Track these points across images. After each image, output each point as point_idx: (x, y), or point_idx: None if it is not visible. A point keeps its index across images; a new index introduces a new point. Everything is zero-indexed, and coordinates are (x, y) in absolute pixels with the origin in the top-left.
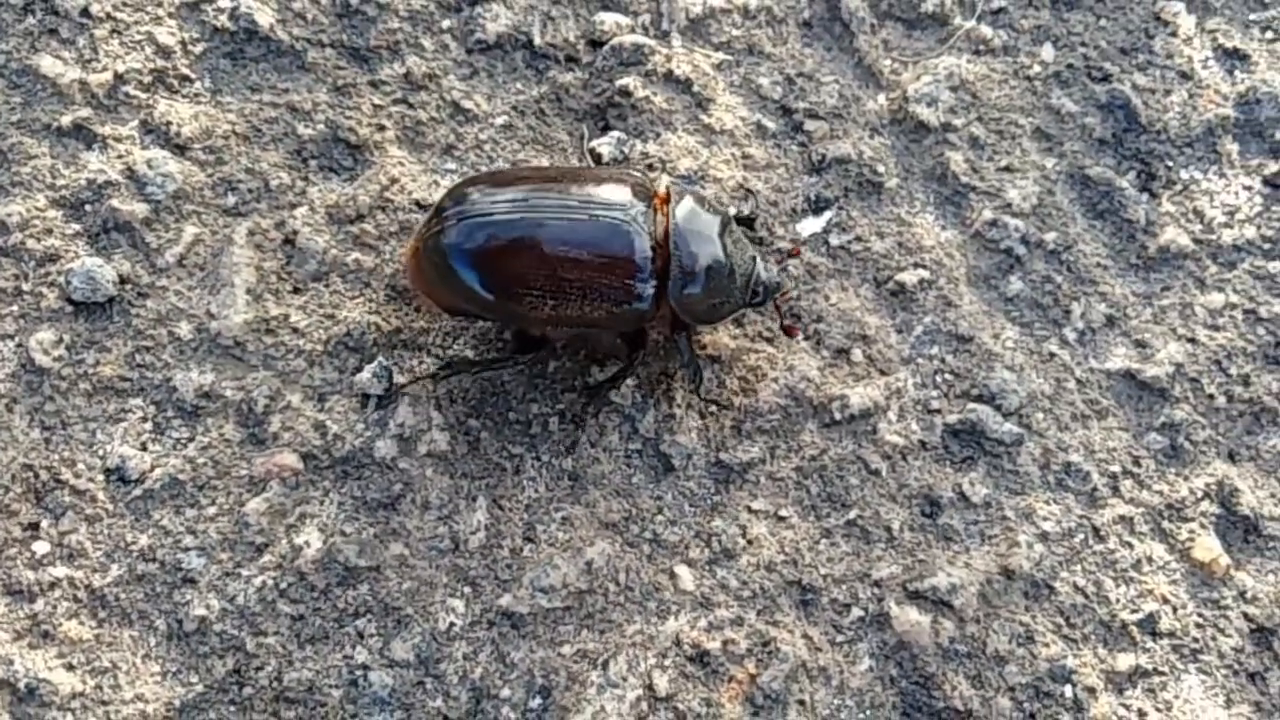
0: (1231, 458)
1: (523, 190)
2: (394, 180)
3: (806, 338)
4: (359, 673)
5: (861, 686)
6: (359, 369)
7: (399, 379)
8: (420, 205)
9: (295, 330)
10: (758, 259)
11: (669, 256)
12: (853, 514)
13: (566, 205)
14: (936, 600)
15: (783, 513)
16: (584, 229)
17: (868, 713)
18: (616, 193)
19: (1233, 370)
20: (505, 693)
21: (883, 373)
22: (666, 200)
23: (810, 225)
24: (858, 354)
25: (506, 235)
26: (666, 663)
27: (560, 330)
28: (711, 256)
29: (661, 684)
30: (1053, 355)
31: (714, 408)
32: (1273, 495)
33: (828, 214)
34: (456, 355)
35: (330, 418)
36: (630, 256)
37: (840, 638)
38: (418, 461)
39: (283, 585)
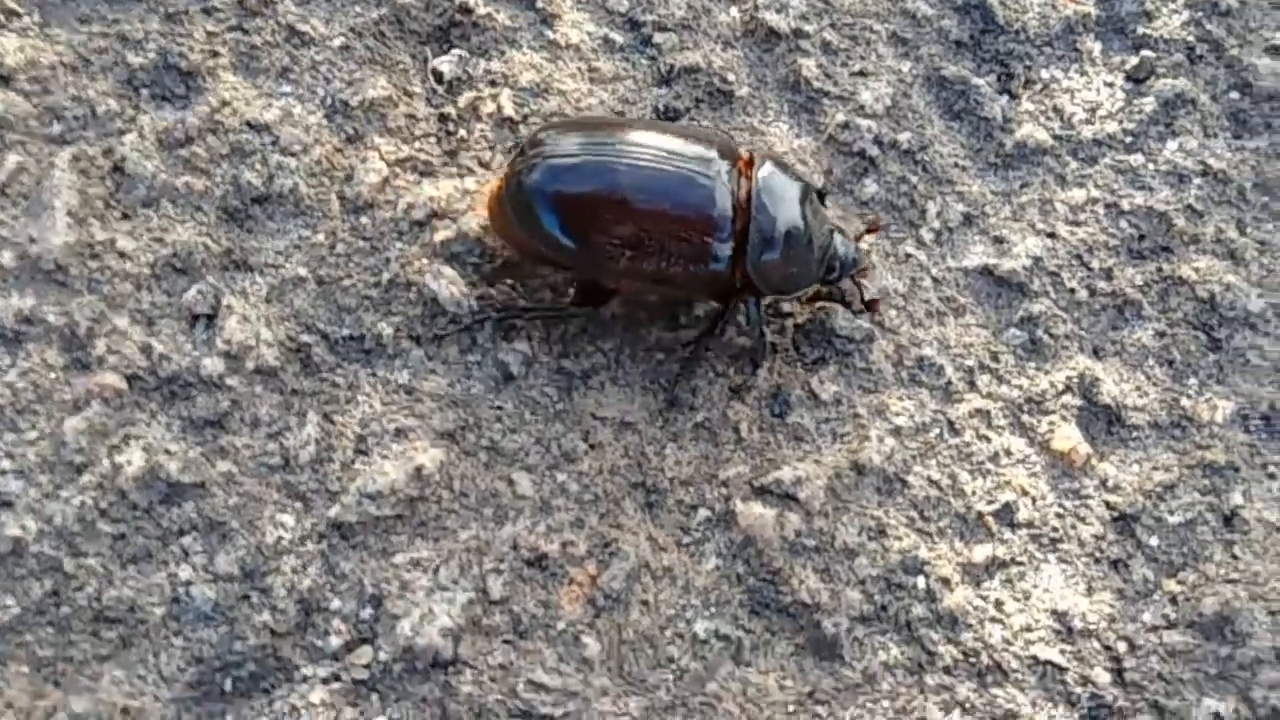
0: (1096, 353)
1: (610, 136)
2: (226, 103)
3: None
4: (182, 589)
5: (707, 585)
6: (188, 290)
7: (228, 301)
8: (251, 125)
9: (122, 254)
10: (835, 233)
11: (749, 220)
12: (700, 416)
13: (653, 156)
14: (782, 494)
15: (629, 418)
16: (668, 181)
17: (713, 610)
18: (703, 149)
19: (1095, 264)
20: (335, 604)
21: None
22: (750, 164)
23: None
24: None
25: (590, 180)
26: (503, 566)
27: (634, 284)
28: (791, 223)
29: (495, 587)
30: (909, 255)
31: (748, 390)
32: (1137, 388)
33: (681, 122)
34: (514, 300)
35: (158, 340)
36: (710, 214)
37: (686, 538)
38: (246, 379)
39: (103, 505)
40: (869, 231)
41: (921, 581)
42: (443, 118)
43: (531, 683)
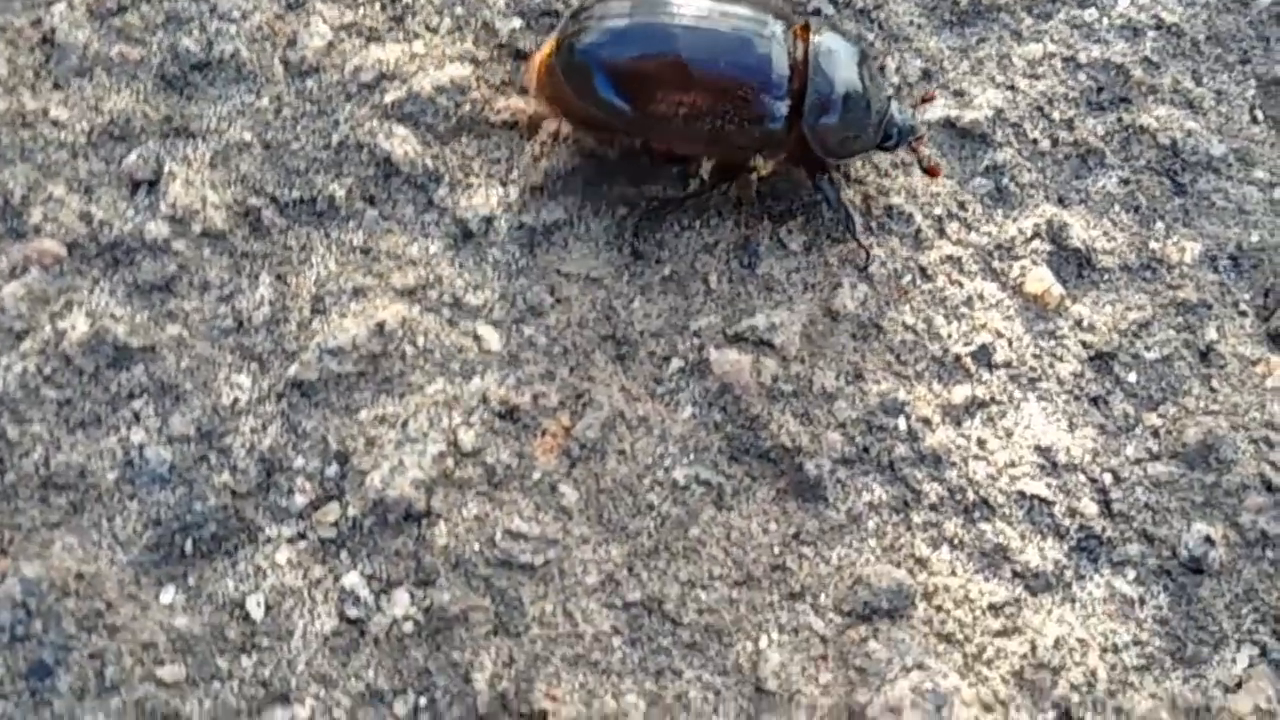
0: (1061, 201)
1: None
2: None
3: None
4: (134, 452)
5: (684, 433)
6: (127, 157)
7: (170, 167)
8: None
9: (56, 123)
10: (892, 99)
11: (806, 81)
12: (668, 269)
13: (709, 15)
14: (756, 340)
15: (595, 273)
16: (724, 39)
17: (692, 456)
18: (760, 13)
19: (1055, 115)
20: (299, 462)
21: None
22: (807, 28)
23: None
24: None
25: (646, 40)
26: (473, 419)
27: (690, 146)
28: (849, 85)
29: (467, 439)
30: None
31: (862, 251)
32: (1105, 233)
33: None
34: (659, 191)
35: (97, 207)
36: (767, 71)
37: (661, 388)
38: (193, 242)
39: (47, 371)
40: (923, 101)
41: (902, 422)
42: None
43: (509, 532)
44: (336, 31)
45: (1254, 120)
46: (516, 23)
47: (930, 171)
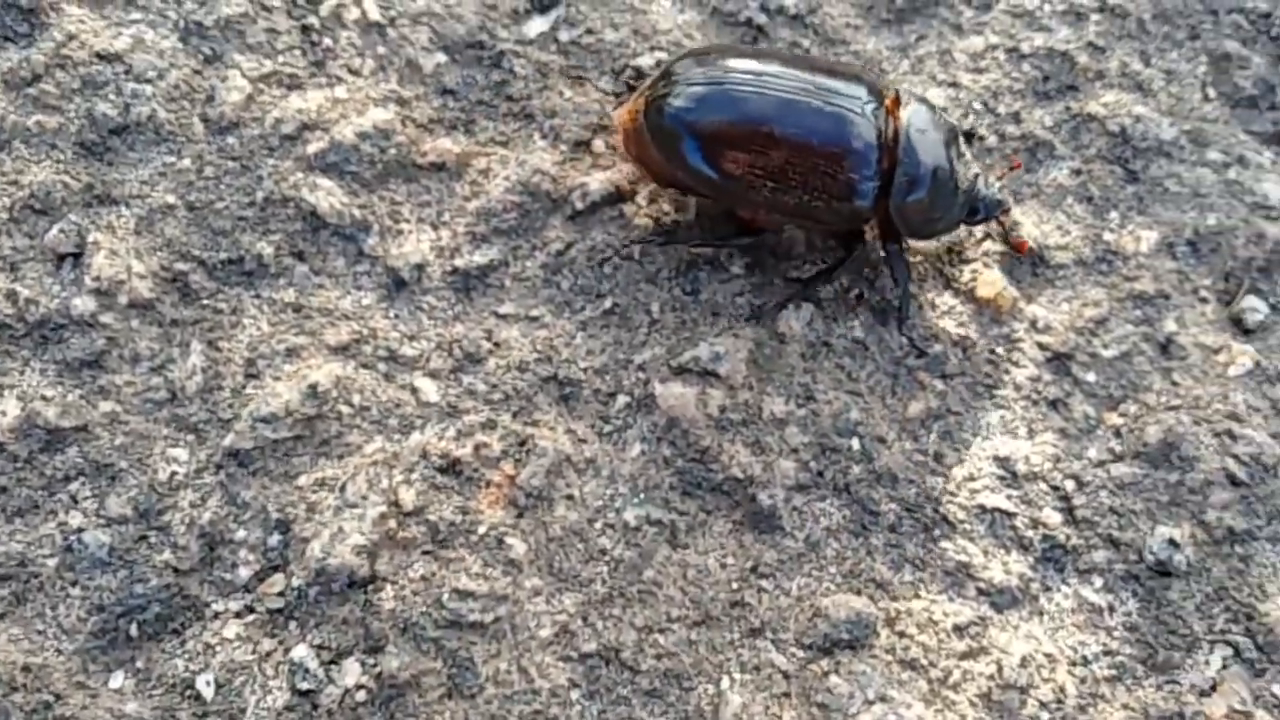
0: (1013, 197)
1: (758, 65)
2: (72, 37)
3: (543, 136)
4: (73, 537)
5: (634, 472)
6: (50, 230)
7: (94, 237)
8: (101, 56)
9: None
10: (980, 175)
11: (895, 160)
12: (609, 302)
13: (803, 88)
14: (701, 371)
15: (534, 313)
16: (818, 115)
17: (642, 496)
18: (853, 86)
19: (1001, 109)
20: (241, 534)
21: (627, 160)
22: (898, 103)
23: (537, 25)
24: (600, 144)
25: (737, 108)
26: (413, 477)
27: (774, 217)
28: (937, 166)
29: (408, 498)
30: None
31: (908, 342)
32: (1059, 227)
33: (555, 11)
34: (676, 226)
35: (23, 285)
36: (859, 150)
37: (608, 427)
38: (121, 314)
39: None
40: (1011, 170)
41: (856, 443)
42: (305, 29)
43: (457, 591)
44: (255, 83)
45: (1206, 98)
46: (441, 58)
47: (1017, 248)
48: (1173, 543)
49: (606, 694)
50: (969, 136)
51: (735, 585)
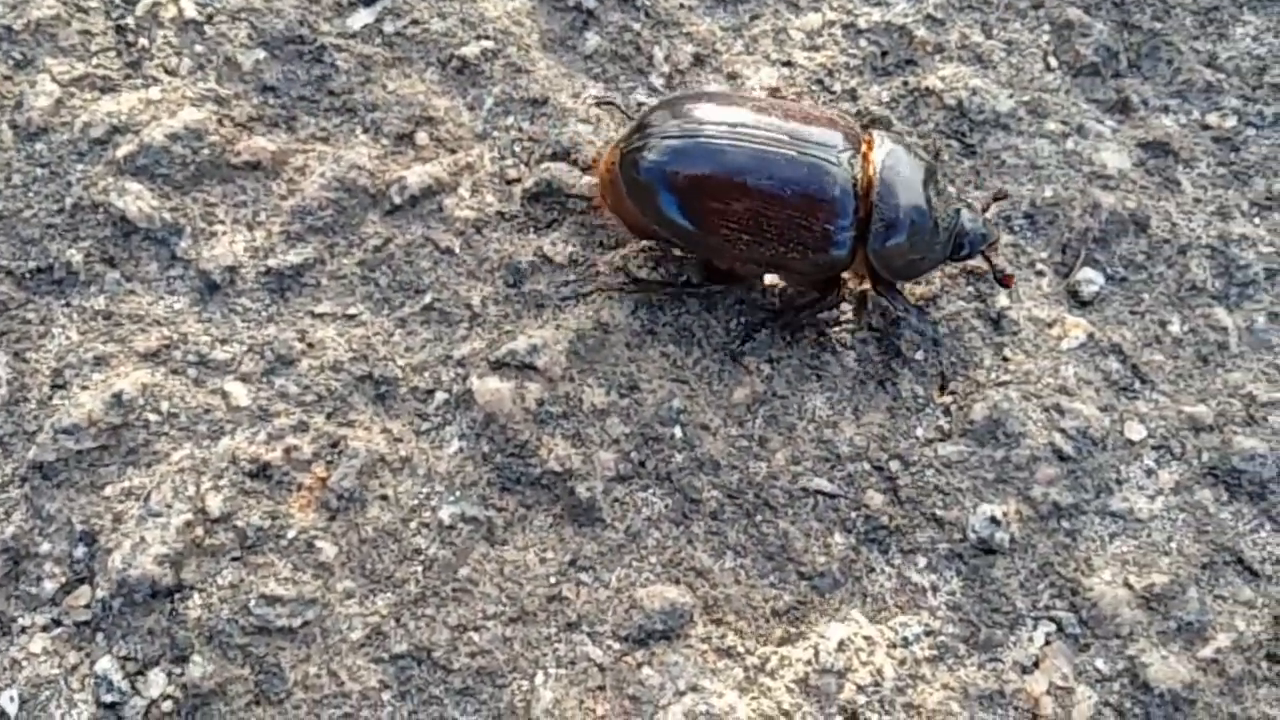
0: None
1: (732, 115)
2: None
3: (365, 130)
4: None
5: (451, 469)
6: None
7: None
8: None
9: None
10: (962, 210)
11: (871, 206)
12: (429, 298)
13: (776, 139)
14: (519, 365)
15: (351, 311)
16: (791, 166)
17: (459, 493)
18: (827, 134)
19: (837, 86)
20: (46, 547)
21: (452, 151)
22: (872, 147)
23: (361, 17)
24: (423, 137)
25: (711, 161)
26: (222, 482)
27: (750, 268)
28: (914, 208)
29: (215, 504)
30: (640, 104)
31: (940, 380)
32: None
33: (380, 2)
34: (639, 274)
35: None
36: (833, 200)
37: (425, 425)
38: None
39: None
40: (996, 200)
41: (679, 431)
42: (120, 29)
43: (264, 596)
44: (66, 87)
45: (1048, 68)
46: (260, 54)
47: (1003, 282)
48: (994, 520)
49: (418, 694)
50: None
51: (553, 579)
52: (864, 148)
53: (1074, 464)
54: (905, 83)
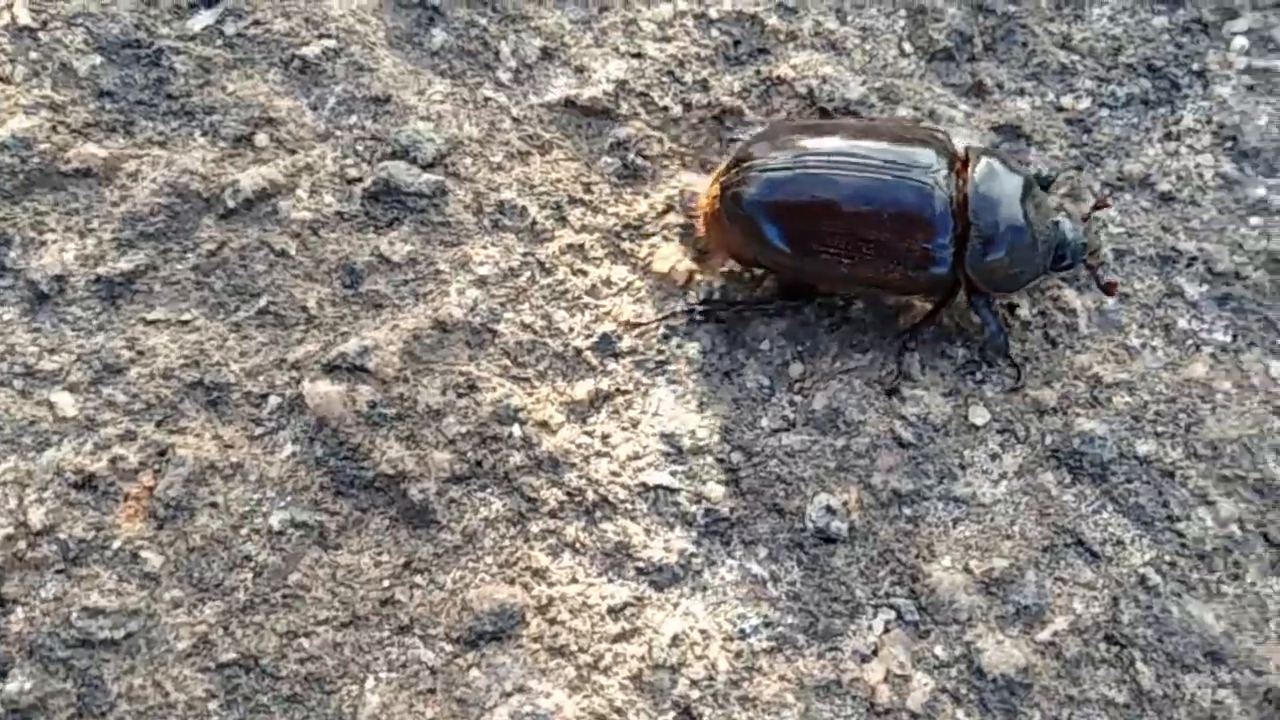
0: (703, 168)
1: (826, 144)
2: None
3: (203, 133)
4: None
5: (283, 475)
6: None
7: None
8: None
9: None
10: (1062, 221)
11: (968, 223)
12: (264, 301)
13: (870, 163)
14: (349, 367)
15: (184, 317)
16: (886, 188)
17: (290, 499)
18: (921, 153)
19: (688, 78)
20: None
21: (291, 152)
22: (967, 162)
23: (202, 19)
24: (263, 138)
25: (807, 191)
26: (46, 495)
27: (854, 289)
28: (1012, 222)
29: (38, 517)
30: (487, 99)
31: (1014, 375)
32: None
33: (222, 4)
34: (718, 294)
35: None
36: (930, 219)
37: (259, 430)
38: None
39: None
40: (1097, 208)
41: (517, 430)
42: None
43: (87, 609)
44: None
45: (902, 53)
46: (97, 59)
47: (1107, 290)
48: (830, 509)
49: (245, 702)
50: (1045, 184)
51: (387, 583)
52: (959, 164)
53: (915, 450)
54: (758, 72)
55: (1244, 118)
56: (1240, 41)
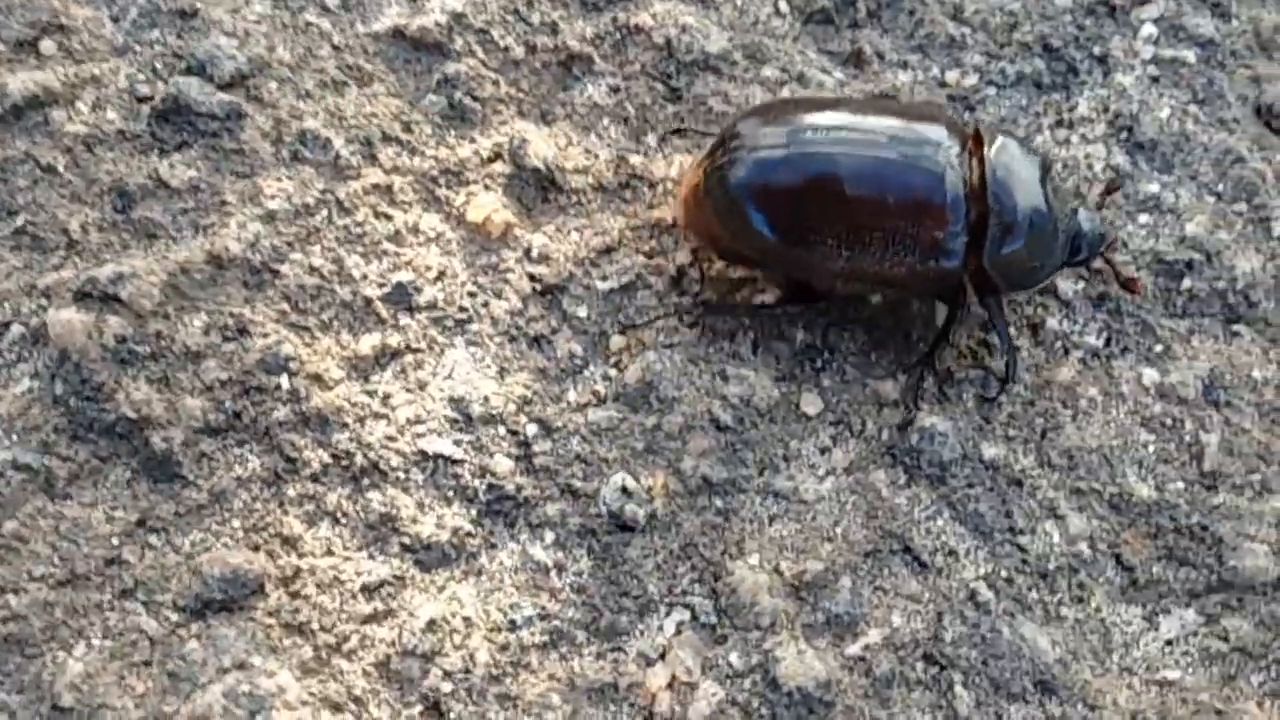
0: (544, 117)
1: (823, 121)
2: None
3: None
4: None
5: (14, 412)
6: None
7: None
8: None
9: None
10: (1079, 209)
11: (985, 209)
12: (21, 220)
13: (873, 141)
14: (100, 295)
15: None
16: (891, 169)
17: (17, 438)
18: (930, 130)
19: (535, 19)
20: None
21: (79, 62)
22: (980, 142)
23: None
24: (49, 45)
25: (802, 172)
26: None
27: (854, 286)
28: (1035, 209)
29: None
30: (308, 24)
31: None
32: (586, 150)
33: None
34: (716, 297)
35: None
36: (943, 203)
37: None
38: None
39: None
40: (1108, 192)
41: (286, 381)
42: None
43: None
44: None
45: (777, 12)
46: None
47: (1128, 287)
48: (625, 491)
49: None
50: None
51: (116, 541)
52: (971, 144)
53: (734, 435)
54: (615, 19)
55: (1143, 108)
56: (1149, 29)
